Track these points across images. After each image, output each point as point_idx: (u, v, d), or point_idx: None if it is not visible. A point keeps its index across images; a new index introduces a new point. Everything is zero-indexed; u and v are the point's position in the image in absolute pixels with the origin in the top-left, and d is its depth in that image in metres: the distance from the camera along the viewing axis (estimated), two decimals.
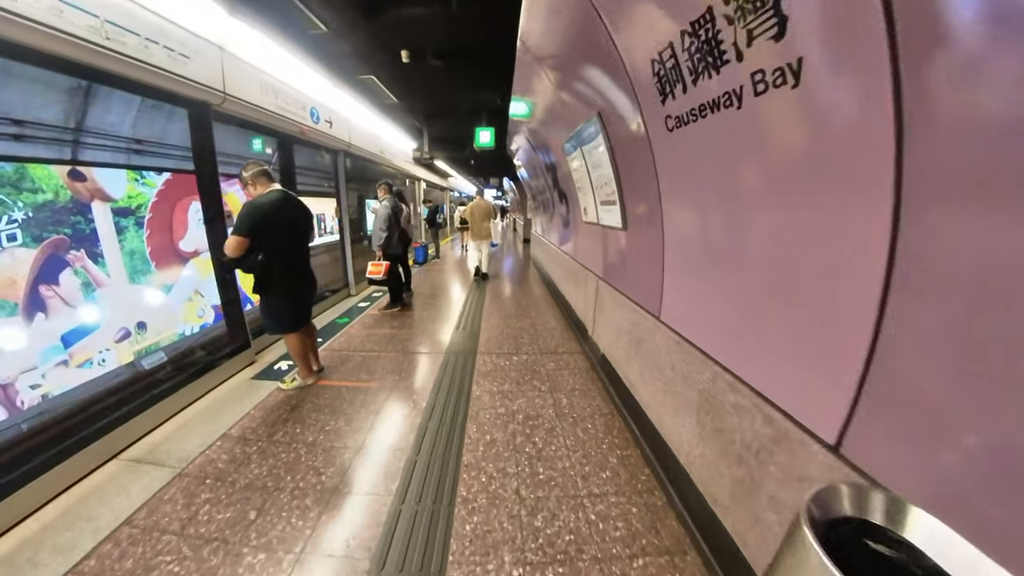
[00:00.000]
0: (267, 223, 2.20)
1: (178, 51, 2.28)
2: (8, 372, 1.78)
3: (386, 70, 3.84)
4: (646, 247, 2.04)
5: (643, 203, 2.00)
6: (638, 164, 1.92)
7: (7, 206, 1.76)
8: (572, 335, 3.67)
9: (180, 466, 1.96)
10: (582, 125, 2.47)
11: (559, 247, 5.11)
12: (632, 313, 2.25)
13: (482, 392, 2.60)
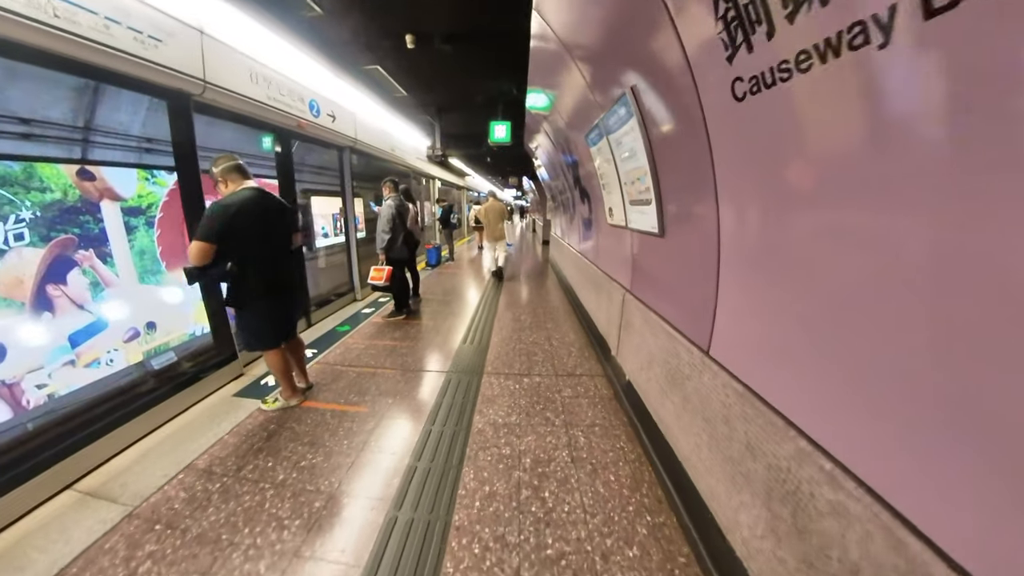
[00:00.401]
0: (236, 226, 1.89)
1: (147, 34, 2.02)
2: (15, 371, 1.78)
3: (392, 59, 3.53)
4: (692, 259, 1.60)
5: (689, 202, 1.56)
6: (684, 151, 1.48)
7: (15, 205, 1.77)
8: (592, 353, 3.23)
9: (134, 503, 1.70)
10: (609, 109, 2.04)
11: (579, 251, 4.67)
12: (669, 340, 1.81)
13: (485, 424, 2.22)
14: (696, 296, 1.57)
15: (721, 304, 1.40)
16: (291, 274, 2.28)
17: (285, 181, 3.49)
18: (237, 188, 2.01)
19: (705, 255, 1.44)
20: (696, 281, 1.57)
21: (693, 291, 1.61)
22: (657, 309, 2.04)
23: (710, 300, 1.44)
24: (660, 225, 1.83)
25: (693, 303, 1.61)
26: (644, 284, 2.29)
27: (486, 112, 5.25)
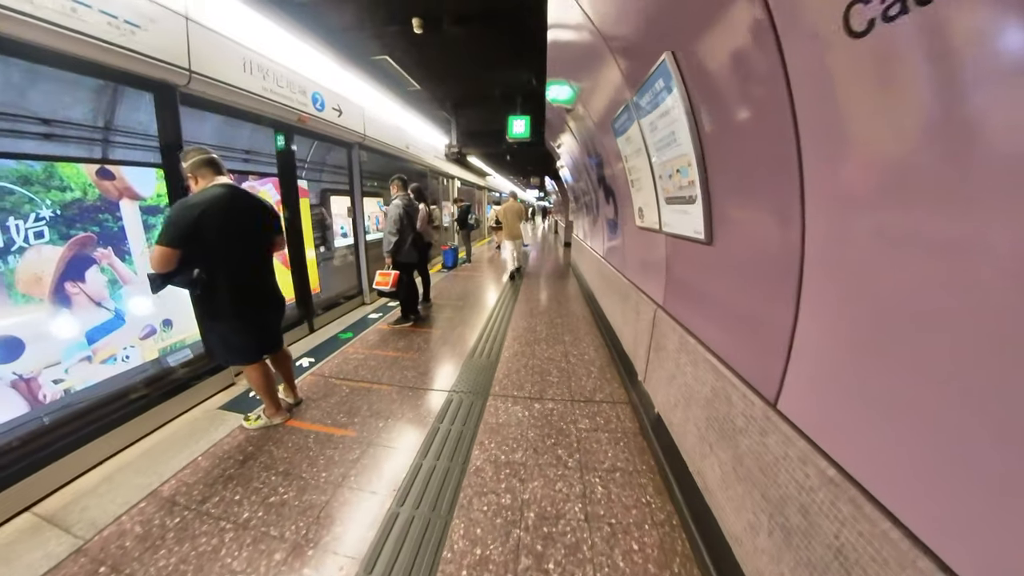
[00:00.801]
0: (203, 228, 1.66)
1: (123, 19, 1.83)
2: (32, 366, 1.82)
3: (400, 48, 3.28)
4: (755, 276, 1.20)
5: (755, 199, 1.16)
6: (749, 129, 1.09)
7: (35, 204, 1.81)
8: (615, 374, 2.83)
9: (86, 535, 1.51)
10: (641, 85, 1.65)
11: (603, 257, 4.25)
12: (716, 377, 1.40)
13: (485, 461, 1.89)
14: (759, 325, 1.17)
15: (801, 343, 0.99)
16: (272, 281, 2.04)
17: (287, 179, 3.31)
18: (207, 185, 1.78)
19: (778, 273, 1.04)
20: (760, 306, 1.16)
21: (755, 318, 1.21)
22: (699, 334, 1.63)
23: (782, 335, 1.04)
24: (707, 229, 1.43)
25: (754, 334, 1.21)
26: (682, 301, 1.88)
27: (504, 107, 4.94)
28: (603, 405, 2.40)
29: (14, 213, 1.76)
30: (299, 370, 2.86)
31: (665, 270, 2.10)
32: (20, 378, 1.79)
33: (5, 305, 1.74)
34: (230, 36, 2.40)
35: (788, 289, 1.00)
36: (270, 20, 2.52)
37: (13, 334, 1.77)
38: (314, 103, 3.20)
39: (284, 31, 2.68)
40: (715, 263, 1.48)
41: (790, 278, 0.99)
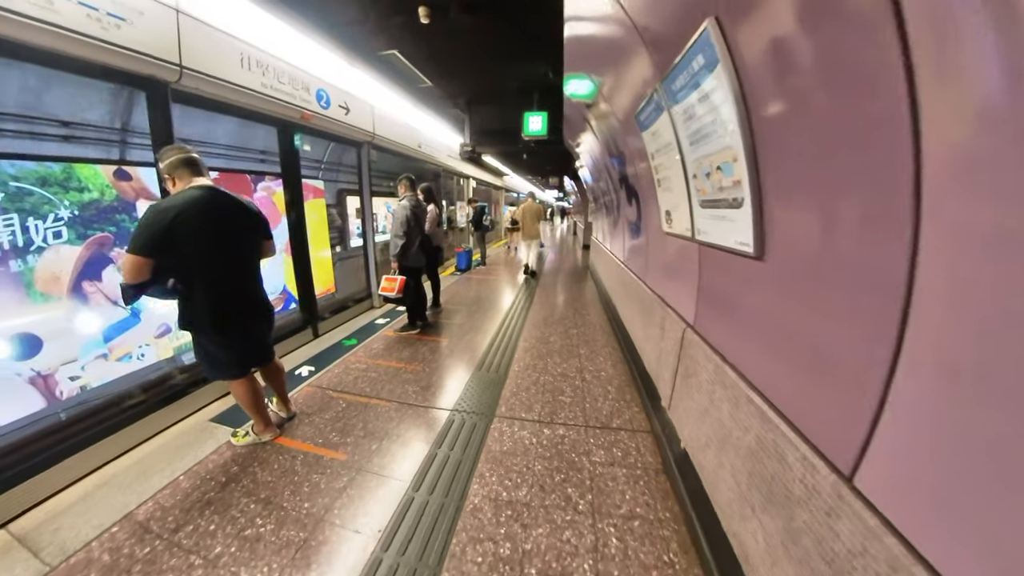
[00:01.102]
0: (177, 235, 1.51)
1: (105, 11, 1.72)
2: (50, 363, 1.86)
3: (408, 41, 3.11)
4: (828, 303, 0.92)
5: (834, 200, 0.89)
6: (830, 105, 0.82)
7: (53, 205, 1.85)
8: (635, 396, 2.55)
9: (53, 562, 1.40)
10: (673, 65, 1.39)
11: (623, 262, 3.95)
12: (765, 426, 1.13)
13: (484, 498, 1.67)
14: (831, 369, 0.90)
15: (899, 399, 0.72)
16: (257, 291, 1.89)
17: (290, 179, 3.20)
18: (185, 187, 1.63)
19: (870, 302, 0.77)
20: (834, 344, 0.89)
21: (824, 359, 0.93)
22: (741, 367, 1.35)
23: (869, 384, 0.77)
24: (757, 240, 1.15)
25: (822, 379, 0.93)
26: (719, 323, 1.60)
27: (520, 103, 4.71)
28: (621, 434, 2.13)
29: (33, 214, 1.80)
30: (298, 380, 2.73)
31: (697, 284, 1.82)
32: (38, 374, 1.83)
33: (24, 303, 1.79)
34: (226, 30, 2.27)
35: (884, 324, 0.73)
36: (270, 14, 2.40)
37: (31, 331, 1.80)
38: (319, 100, 3.07)
39: (286, 25, 2.55)
40: (766, 282, 1.20)
41: (889, 309, 0.72)
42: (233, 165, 3.07)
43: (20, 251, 1.76)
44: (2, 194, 1.71)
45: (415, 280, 3.61)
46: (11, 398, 1.77)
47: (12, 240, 1.74)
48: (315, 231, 3.84)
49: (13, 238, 1.74)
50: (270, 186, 3.15)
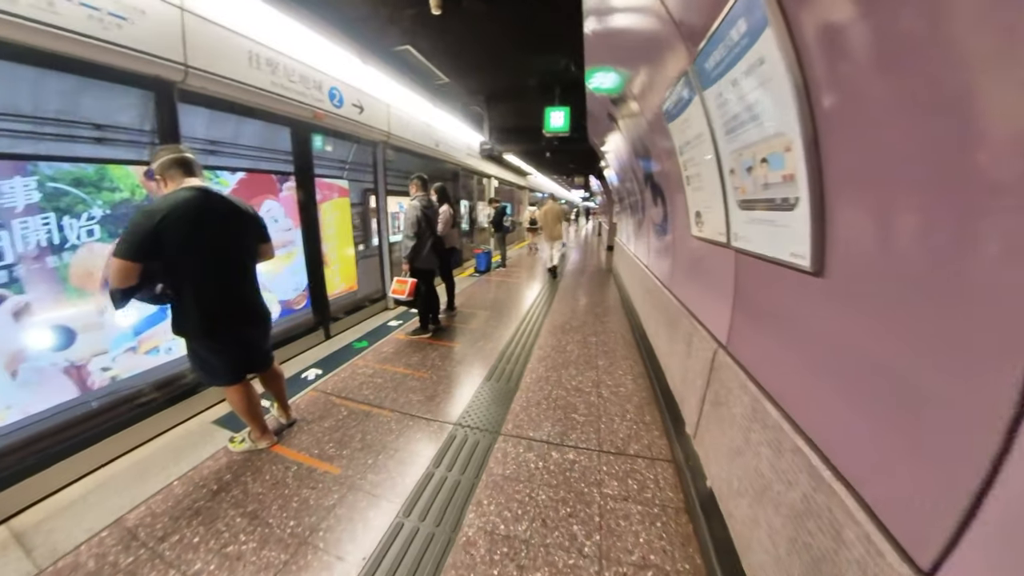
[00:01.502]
0: (165, 239, 1.45)
1: (106, 10, 1.70)
2: (82, 354, 1.95)
3: (421, 35, 2.99)
4: (915, 345, 0.69)
5: (936, 203, 0.65)
6: (929, 77, 0.59)
7: (87, 204, 1.93)
8: (656, 417, 2.30)
9: (42, 563, 1.39)
10: (706, 39, 1.16)
11: (647, 266, 3.68)
12: (816, 486, 0.89)
13: (479, 530, 1.50)
14: (915, 427, 0.66)
15: (1012, 481, 0.48)
16: (252, 296, 1.82)
17: (304, 179, 3.17)
18: (176, 188, 1.56)
19: (981, 348, 0.54)
20: (924, 395, 0.65)
21: (907, 413, 0.69)
22: (789, 407, 1.11)
23: (971, 458, 0.53)
24: (816, 251, 0.91)
25: (902, 438, 0.70)
26: (759, 349, 1.35)
27: (541, 98, 4.50)
28: (638, 462, 1.90)
29: (68, 212, 1.87)
30: (303, 383, 2.68)
31: (733, 299, 1.57)
32: (72, 364, 1.92)
33: (60, 297, 1.87)
34: (233, 28, 2.24)
35: (1004, 371, 0.50)
36: (278, 11, 2.35)
37: (66, 324, 1.89)
38: (331, 99, 3.02)
39: (295, 22, 2.50)
40: (826, 304, 0.96)
41: (1015, 351, 0.49)
42: (259, 166, 3.10)
43: (56, 248, 1.84)
44: (40, 194, 1.78)
45: (427, 283, 3.51)
46: (47, 387, 1.84)
47: (49, 238, 1.81)
48: (339, 229, 3.86)
49: (50, 236, 1.82)
50: (295, 186, 3.17)
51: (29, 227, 1.76)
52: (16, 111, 1.78)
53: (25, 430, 1.77)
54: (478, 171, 7.79)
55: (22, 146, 1.81)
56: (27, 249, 1.75)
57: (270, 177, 3.05)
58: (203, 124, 2.69)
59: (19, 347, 1.75)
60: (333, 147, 3.84)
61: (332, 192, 3.81)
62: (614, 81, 2.55)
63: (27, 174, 1.74)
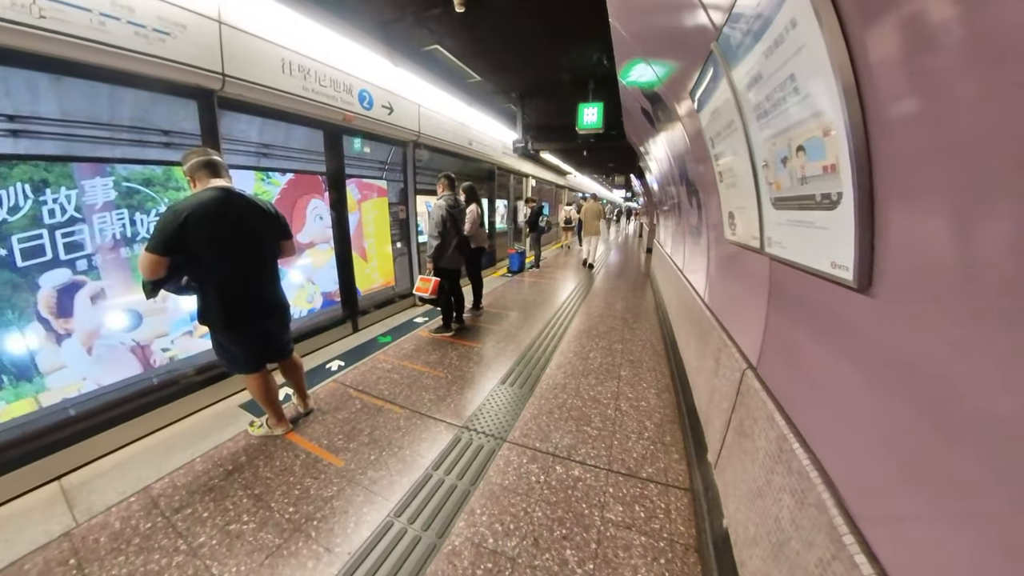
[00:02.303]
0: (190, 235, 1.54)
1: (150, 27, 1.87)
2: (147, 336, 2.20)
3: (449, 34, 2.98)
4: (992, 399, 0.51)
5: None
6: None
7: (155, 201, 2.16)
8: (676, 439, 2.09)
9: (81, 519, 1.57)
10: (730, 6, 0.99)
11: (682, 272, 3.39)
12: (839, 557, 0.71)
13: (466, 540, 1.44)
14: (972, 506, 0.48)
15: None
16: (272, 290, 1.90)
17: (335, 179, 3.31)
18: (203, 188, 1.66)
19: None
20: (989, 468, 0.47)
21: (971, 504, 0.51)
22: (819, 451, 0.92)
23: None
24: (862, 260, 0.73)
25: (945, 527, 0.52)
26: (791, 376, 1.15)
27: (575, 94, 4.33)
28: (650, 487, 1.72)
29: (139, 209, 2.12)
30: (326, 373, 2.80)
31: (765, 313, 1.36)
32: (137, 344, 2.17)
33: (130, 284, 2.10)
34: (266, 37, 2.37)
35: None
36: (309, 18, 2.45)
37: (134, 308, 2.13)
38: (361, 101, 3.12)
39: (325, 28, 2.60)
40: (873, 331, 0.77)
41: None
42: (307, 167, 3.29)
43: (128, 241, 2.08)
44: (116, 193, 2.01)
45: (451, 282, 3.52)
46: (117, 363, 2.09)
47: (123, 231, 2.06)
48: (378, 227, 4.02)
49: (124, 229, 2.06)
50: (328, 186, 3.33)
51: (106, 222, 1.99)
52: (96, 120, 2.01)
53: (89, 402, 2.01)
54: (514, 170, 7.74)
55: (101, 150, 2.04)
56: (104, 241, 1.99)
57: (316, 178, 3.24)
58: (256, 129, 2.91)
59: (94, 327, 1.99)
60: (371, 148, 4.00)
61: (371, 192, 3.97)
62: (643, 73, 2.35)
63: (105, 175, 1.98)
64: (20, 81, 1.73)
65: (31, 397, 1.82)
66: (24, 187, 1.72)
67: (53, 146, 1.87)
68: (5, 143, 1.72)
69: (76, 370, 1.94)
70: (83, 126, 1.94)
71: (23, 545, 1.43)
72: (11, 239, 1.70)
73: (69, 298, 1.90)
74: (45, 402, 1.86)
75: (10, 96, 1.72)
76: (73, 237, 1.89)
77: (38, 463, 1.77)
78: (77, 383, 1.95)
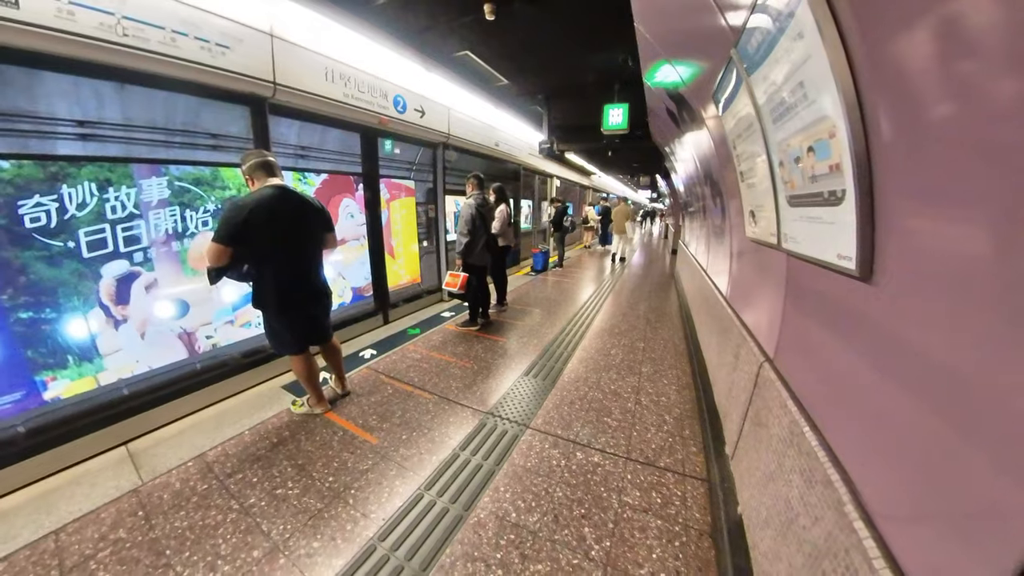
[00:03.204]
0: (251, 227, 1.74)
1: (214, 42, 2.11)
2: (192, 323, 2.41)
3: (479, 40, 3.12)
4: (990, 387, 0.57)
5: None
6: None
7: (203, 199, 2.37)
8: (696, 432, 2.13)
9: (147, 478, 1.80)
10: (753, 7, 1.06)
11: (704, 271, 3.37)
12: (841, 528, 0.78)
13: (491, 514, 1.56)
14: (962, 481, 0.55)
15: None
16: (319, 278, 2.11)
17: (370, 180, 3.54)
18: (261, 186, 1.88)
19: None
20: (979, 450, 0.54)
21: (953, 463, 0.58)
22: (828, 434, 0.97)
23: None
24: (863, 251, 0.79)
25: (938, 495, 0.59)
26: (804, 365, 1.20)
27: (601, 96, 4.37)
28: (667, 476, 1.78)
29: (189, 206, 2.33)
30: (360, 360, 3.01)
31: (782, 308, 1.40)
32: (184, 331, 2.38)
33: (179, 276, 2.31)
34: (312, 48, 2.61)
35: None
36: (350, 30, 2.67)
37: (182, 297, 2.33)
38: (395, 105, 3.33)
39: (365, 38, 2.81)
40: (874, 317, 0.82)
41: None
42: (340, 168, 3.52)
43: (179, 235, 2.31)
44: (169, 191, 2.24)
45: (479, 278, 3.67)
46: (166, 348, 2.33)
47: (175, 226, 2.28)
48: (405, 226, 4.24)
49: (175, 225, 2.29)
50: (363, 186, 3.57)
51: (160, 217, 2.21)
52: (152, 124, 2.21)
53: (148, 380, 2.27)
54: (539, 170, 7.84)
55: (157, 152, 2.24)
56: (158, 235, 2.20)
57: (348, 178, 3.47)
58: (295, 133, 3.14)
59: (148, 314, 2.21)
60: (400, 150, 4.22)
61: (400, 191, 4.20)
62: (668, 74, 2.40)
63: (160, 175, 2.19)
64: (89, 90, 1.93)
65: (91, 376, 2.01)
66: (90, 186, 1.92)
67: (116, 148, 2.03)
68: (75, 146, 1.92)
69: (131, 353, 2.14)
70: (141, 130, 2.14)
71: (98, 498, 1.66)
72: (78, 233, 1.88)
73: (126, 287, 2.10)
74: (103, 381, 2.05)
75: (80, 103, 1.92)
76: (131, 231, 2.08)
77: (107, 429, 2.01)
78: (131, 365, 2.15)
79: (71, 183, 1.87)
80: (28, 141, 1.81)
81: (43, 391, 1.90)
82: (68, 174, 1.87)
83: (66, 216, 1.87)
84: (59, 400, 1.94)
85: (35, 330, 1.86)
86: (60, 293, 1.90)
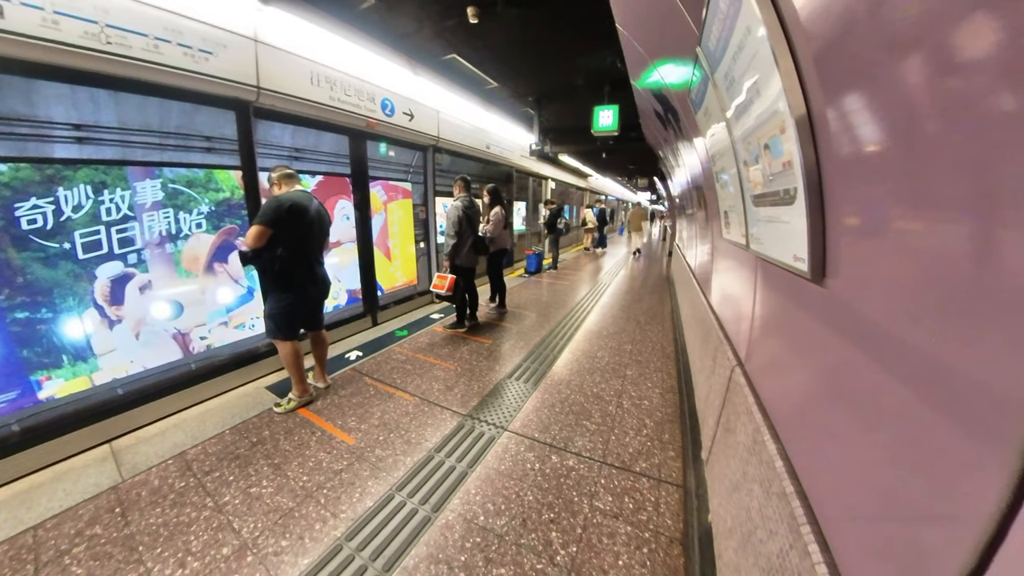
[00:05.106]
0: (289, 213, 2.05)
1: (196, 48, 2.13)
2: (186, 324, 2.43)
3: (465, 43, 3.13)
4: (929, 389, 0.56)
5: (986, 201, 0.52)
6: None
7: (197, 201, 2.39)
8: (675, 438, 2.10)
9: (127, 476, 1.80)
10: (704, 13, 1.04)
11: (693, 272, 3.35)
12: (794, 542, 0.77)
13: (459, 517, 1.54)
14: (926, 504, 0.53)
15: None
16: (320, 272, 2.34)
17: (359, 181, 3.53)
18: (289, 189, 2.18)
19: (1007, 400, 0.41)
20: (928, 450, 0.52)
21: (901, 466, 0.56)
22: (787, 442, 0.95)
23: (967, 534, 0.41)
24: (814, 252, 0.77)
25: (893, 504, 0.57)
26: (766, 369, 1.18)
27: (591, 97, 4.37)
28: (642, 481, 1.75)
29: (183, 208, 2.35)
30: (344, 362, 3.00)
31: (752, 311, 1.38)
32: (178, 332, 2.39)
33: (173, 277, 2.33)
34: (297, 52, 2.62)
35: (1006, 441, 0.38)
36: (336, 34, 2.67)
37: (176, 299, 2.35)
38: (383, 109, 3.33)
39: (350, 43, 2.81)
40: (827, 320, 0.80)
41: None
42: (335, 170, 3.52)
43: (173, 237, 2.33)
44: (163, 193, 2.25)
45: (466, 280, 3.65)
46: (160, 348, 2.34)
47: (168, 228, 2.29)
48: (402, 228, 4.24)
49: (169, 227, 2.30)
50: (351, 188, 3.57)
51: (154, 219, 2.23)
52: (147, 127, 2.24)
53: (138, 381, 2.27)
54: (533, 172, 7.84)
55: (151, 155, 2.27)
56: (151, 237, 2.22)
57: (344, 180, 3.47)
58: (289, 135, 3.17)
59: (142, 315, 2.23)
60: (397, 152, 4.22)
61: (397, 193, 4.20)
62: (651, 75, 2.39)
63: (154, 177, 2.21)
64: (85, 94, 1.97)
65: (86, 376, 2.04)
66: (86, 188, 1.94)
67: (111, 151, 2.09)
68: (71, 149, 1.95)
69: (125, 353, 2.17)
70: (136, 133, 2.18)
71: (78, 494, 1.67)
72: (74, 235, 1.92)
73: (121, 288, 2.12)
74: (98, 381, 2.08)
75: (77, 107, 1.95)
76: (126, 233, 2.11)
77: (92, 427, 2.01)
78: (125, 365, 2.18)
79: (67, 186, 1.90)
80: (25, 144, 1.84)
81: (38, 391, 1.91)
82: (64, 177, 1.89)
83: (62, 218, 1.89)
84: (53, 399, 1.95)
85: (31, 330, 1.87)
86: (56, 294, 1.91)
